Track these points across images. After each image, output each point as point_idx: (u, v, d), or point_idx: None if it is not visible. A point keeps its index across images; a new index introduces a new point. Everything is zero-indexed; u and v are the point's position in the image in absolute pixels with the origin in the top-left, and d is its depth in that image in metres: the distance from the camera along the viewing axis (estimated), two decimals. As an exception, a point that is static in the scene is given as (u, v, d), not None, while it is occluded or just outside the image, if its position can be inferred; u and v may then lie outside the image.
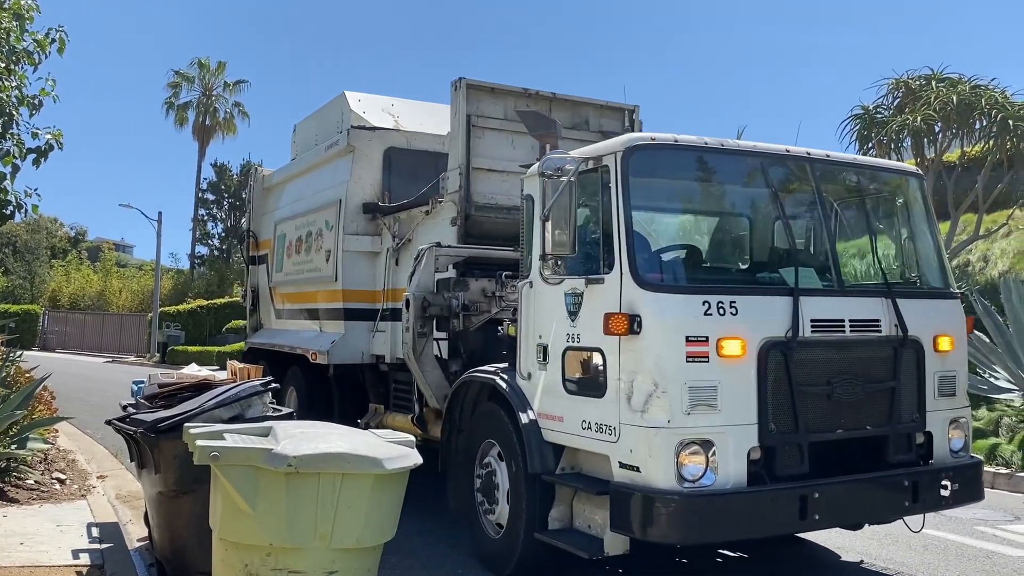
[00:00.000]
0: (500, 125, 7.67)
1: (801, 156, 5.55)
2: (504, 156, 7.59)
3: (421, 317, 6.74)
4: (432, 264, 6.87)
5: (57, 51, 8.39)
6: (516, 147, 7.63)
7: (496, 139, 7.68)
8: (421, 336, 6.75)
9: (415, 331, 6.72)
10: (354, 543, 4.11)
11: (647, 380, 4.70)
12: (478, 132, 7.55)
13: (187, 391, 6.15)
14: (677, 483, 4.61)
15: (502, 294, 6.65)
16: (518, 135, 7.48)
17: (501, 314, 6.57)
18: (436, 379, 6.82)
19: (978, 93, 14.79)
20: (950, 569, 6.19)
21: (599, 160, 5.19)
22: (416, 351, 6.76)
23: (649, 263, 5.15)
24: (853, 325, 5.15)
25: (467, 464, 6.18)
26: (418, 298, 6.75)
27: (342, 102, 9.48)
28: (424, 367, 6.79)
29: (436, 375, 6.84)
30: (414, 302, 6.74)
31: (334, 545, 4.04)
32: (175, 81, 49.57)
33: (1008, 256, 16.30)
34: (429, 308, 6.74)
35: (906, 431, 5.32)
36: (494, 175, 7.59)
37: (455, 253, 7.01)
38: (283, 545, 4.00)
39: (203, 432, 4.31)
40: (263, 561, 4.04)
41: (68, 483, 8.05)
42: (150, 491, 5.69)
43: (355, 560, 4.16)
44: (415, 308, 6.72)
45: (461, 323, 6.73)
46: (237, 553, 4.12)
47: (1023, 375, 10.42)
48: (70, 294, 52.26)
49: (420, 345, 6.76)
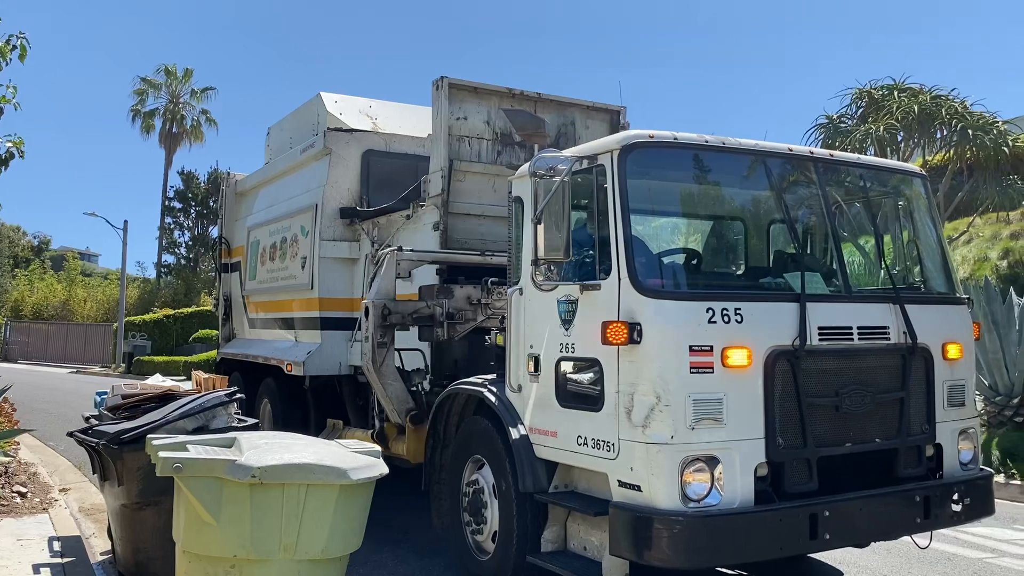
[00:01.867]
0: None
1: (804, 155, 5.32)
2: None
3: (381, 326, 6.37)
4: (393, 270, 6.52)
5: (18, 58, 8.07)
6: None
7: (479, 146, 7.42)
8: (381, 346, 6.40)
9: (375, 341, 6.36)
10: (320, 554, 4.10)
11: (648, 393, 4.41)
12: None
13: (151, 402, 6.13)
14: (681, 503, 4.32)
15: (488, 301, 6.34)
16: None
17: (488, 322, 6.27)
18: (397, 392, 6.49)
19: (939, 103, 15.16)
20: (912, 571, 6.10)
21: (594, 159, 4.91)
22: (376, 362, 6.40)
23: (649, 268, 4.87)
24: (861, 333, 4.91)
25: (452, 481, 5.86)
26: (378, 306, 6.38)
27: (318, 103, 9.17)
28: (385, 379, 6.44)
29: (397, 387, 6.51)
30: (374, 310, 6.37)
31: (299, 556, 4.04)
32: (141, 88, 48.85)
33: (969, 263, 16.52)
34: (390, 316, 6.38)
35: (916, 443, 5.09)
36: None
37: (418, 258, 6.67)
38: (247, 557, 3.99)
39: (166, 444, 4.33)
40: (227, 573, 4.01)
41: (29, 496, 7.85)
42: (113, 504, 5.69)
43: (321, 571, 4.16)
44: (375, 316, 6.35)
45: (445, 332, 6.41)
46: (201, 565, 4.10)
47: (984, 380, 10.37)
48: (33, 304, 51.20)
49: (380, 356, 6.40)
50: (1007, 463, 9.56)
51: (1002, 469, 9.45)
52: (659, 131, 4.89)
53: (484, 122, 7.45)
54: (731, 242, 6.01)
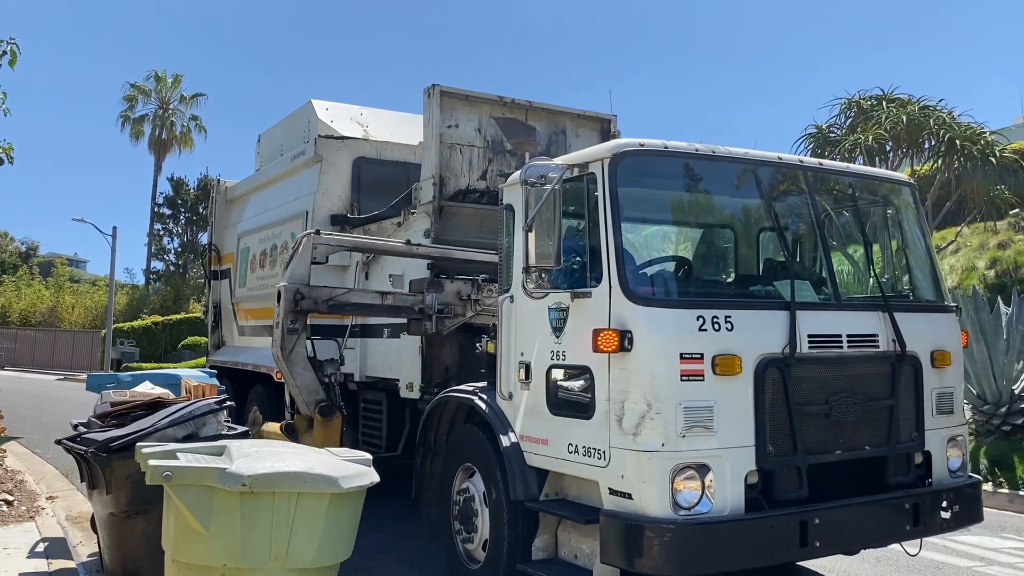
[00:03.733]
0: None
1: (794, 164, 5.34)
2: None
3: (293, 311, 6.21)
4: (309, 254, 6.36)
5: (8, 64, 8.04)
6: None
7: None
8: (292, 332, 6.23)
9: (285, 327, 6.18)
10: (310, 563, 4.07)
11: (639, 400, 4.41)
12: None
13: (140, 410, 6.07)
14: (672, 511, 4.32)
15: (478, 297, 6.31)
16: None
17: (477, 319, 6.23)
18: (307, 381, 6.32)
19: (927, 114, 15.29)
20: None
21: (585, 167, 4.92)
22: (285, 349, 6.23)
23: (639, 276, 4.88)
24: (851, 340, 4.93)
25: (443, 490, 5.85)
26: (290, 290, 6.21)
27: (309, 111, 9.17)
28: (294, 367, 6.25)
29: (307, 377, 6.33)
30: (285, 294, 6.19)
31: (289, 565, 4.01)
32: (131, 94, 48.70)
33: (957, 272, 16.63)
34: (302, 302, 6.21)
35: (905, 451, 5.10)
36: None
37: (336, 242, 6.51)
38: (237, 566, 3.96)
39: (156, 451, 4.32)
40: (217, 582, 4.02)
41: (16, 504, 7.78)
42: (101, 512, 5.64)
43: (311, 580, 4.06)
44: (286, 301, 6.17)
45: (434, 325, 6.38)
46: (190, 574, 4.07)
47: (972, 389, 10.42)
48: (21, 310, 50.89)
49: (290, 343, 6.23)
50: (995, 472, 9.60)
51: (990, 478, 9.49)
52: (649, 140, 4.90)
53: (475, 130, 7.47)
54: (721, 250, 6.03)
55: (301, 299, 6.20)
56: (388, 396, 7.49)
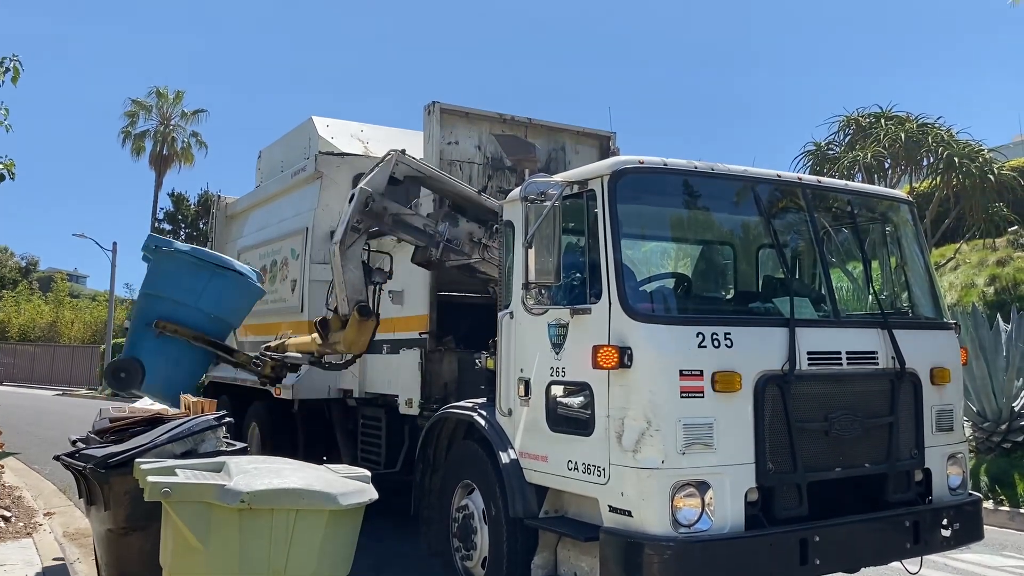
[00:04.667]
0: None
1: (792, 181, 5.37)
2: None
3: (361, 211, 6.30)
4: (391, 168, 6.45)
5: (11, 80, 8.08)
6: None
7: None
8: (354, 230, 6.31)
9: (350, 224, 6.27)
10: None
11: (639, 417, 4.41)
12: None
13: (139, 426, 6.04)
14: (672, 528, 4.31)
15: (488, 243, 6.32)
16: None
17: (481, 264, 6.26)
18: (354, 280, 6.37)
19: (925, 131, 15.30)
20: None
21: (584, 184, 4.94)
22: (344, 244, 6.29)
23: (639, 292, 4.89)
24: (850, 357, 4.93)
25: (442, 506, 5.84)
26: (365, 192, 6.31)
27: (310, 127, 9.20)
28: (347, 263, 6.32)
29: (356, 276, 6.39)
30: (359, 194, 6.30)
31: None
32: (132, 110, 48.79)
33: (956, 289, 16.65)
34: (372, 204, 6.31)
35: (905, 468, 5.10)
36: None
37: (415, 166, 6.58)
38: None
39: (154, 468, 4.30)
40: (214, 598, 3.98)
41: (13, 521, 7.74)
42: (99, 528, 5.61)
43: (308, 596, 4.08)
44: (358, 201, 6.28)
45: (439, 254, 6.37)
46: None
47: (972, 406, 10.41)
48: (20, 325, 50.85)
49: (350, 239, 6.30)
50: (996, 489, 9.57)
51: (991, 495, 9.46)
52: (649, 157, 4.93)
53: (475, 147, 7.50)
54: (721, 267, 6.04)
55: (372, 203, 6.30)
56: (387, 412, 7.47)
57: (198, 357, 6.60)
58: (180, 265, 6.43)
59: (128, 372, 6.28)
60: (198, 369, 6.83)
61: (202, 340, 6.45)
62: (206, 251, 6.66)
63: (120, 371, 6.31)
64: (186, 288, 6.41)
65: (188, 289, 6.42)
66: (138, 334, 6.60)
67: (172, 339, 6.40)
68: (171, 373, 6.56)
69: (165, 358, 6.46)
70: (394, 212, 6.37)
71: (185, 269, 6.42)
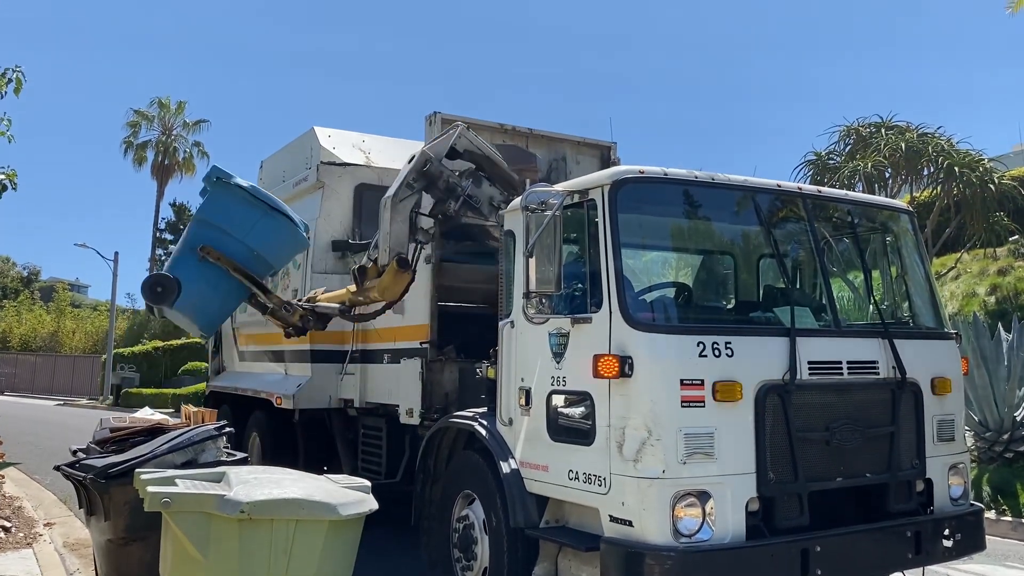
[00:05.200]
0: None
1: (792, 191, 5.38)
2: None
3: (419, 171, 6.43)
4: (452, 139, 6.57)
5: (13, 91, 8.12)
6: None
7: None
8: (408, 187, 6.44)
9: (406, 180, 6.42)
10: None
11: (640, 426, 4.41)
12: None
13: (140, 435, 6.09)
14: (673, 538, 4.30)
15: (504, 212, 6.33)
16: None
17: (496, 229, 6.30)
18: (399, 232, 6.43)
19: (925, 141, 15.36)
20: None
21: (585, 194, 4.96)
22: (397, 197, 6.42)
23: (640, 301, 4.90)
24: (851, 367, 4.93)
25: (443, 516, 5.82)
26: (426, 153, 6.46)
27: (311, 137, 9.22)
28: (395, 215, 6.42)
29: (402, 229, 6.45)
30: (420, 156, 6.46)
31: None
32: (134, 120, 48.97)
33: (957, 299, 16.65)
34: (429, 167, 6.44)
35: (906, 478, 5.09)
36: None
37: (474, 145, 6.70)
38: None
39: (154, 478, 4.31)
40: (214, 609, 3.98)
41: (14, 531, 7.73)
42: (99, 539, 5.60)
43: (309, 607, 4.09)
44: (418, 161, 6.43)
45: (457, 206, 6.45)
46: None
47: (973, 416, 10.39)
48: (21, 335, 50.91)
49: (403, 194, 6.42)
50: (998, 499, 9.55)
51: (993, 505, 9.43)
52: (649, 167, 4.94)
53: (476, 156, 7.49)
54: (721, 276, 6.05)
55: (429, 165, 6.43)
56: (388, 422, 7.47)
57: (233, 288, 6.73)
58: (236, 199, 6.59)
59: (165, 287, 6.41)
60: (231, 301, 6.95)
61: (242, 273, 6.59)
62: (263, 191, 6.79)
63: (157, 285, 6.43)
64: (237, 221, 6.56)
65: (239, 223, 6.56)
66: (182, 256, 6.75)
67: (213, 266, 6.53)
68: (205, 298, 6.68)
69: (204, 282, 6.59)
70: (448, 178, 6.53)
71: (240, 203, 6.58)
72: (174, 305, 6.50)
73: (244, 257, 6.60)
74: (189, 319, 6.88)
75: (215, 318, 7.18)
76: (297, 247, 7.16)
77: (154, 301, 6.54)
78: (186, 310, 6.67)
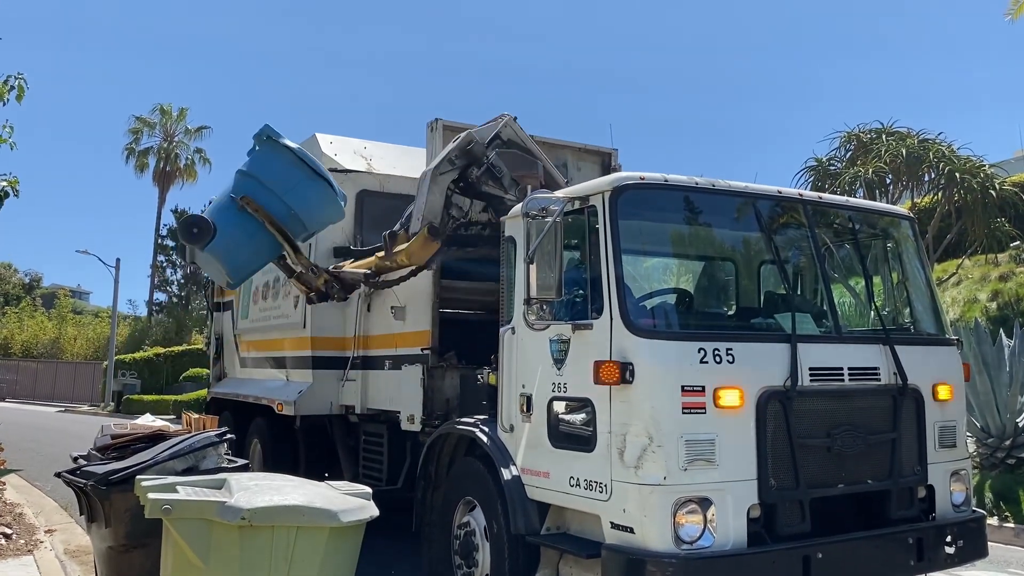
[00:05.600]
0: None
1: (793, 197, 5.38)
2: None
3: (461, 148, 6.55)
4: (499, 127, 6.73)
5: (16, 98, 8.13)
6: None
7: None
8: (450, 163, 6.58)
9: (449, 156, 6.57)
10: None
11: (641, 433, 4.40)
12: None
13: (141, 442, 6.07)
14: (674, 545, 4.29)
15: (522, 185, 6.52)
16: None
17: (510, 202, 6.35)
18: (434, 203, 6.54)
19: (926, 147, 15.30)
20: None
21: (586, 200, 4.96)
22: (439, 171, 6.54)
23: (640, 308, 4.90)
24: (852, 373, 4.93)
25: (443, 523, 5.81)
26: (471, 135, 6.61)
27: (313, 144, 9.21)
28: (433, 187, 6.56)
29: (437, 200, 6.55)
30: (465, 136, 6.62)
31: None
32: (136, 127, 49.08)
33: (959, 304, 16.64)
34: (472, 147, 6.57)
35: (908, 485, 5.09)
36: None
37: (516, 137, 6.86)
38: None
39: (155, 485, 4.29)
40: (215, 617, 3.96)
41: (14, 538, 7.75)
42: (100, 546, 5.60)
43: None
44: (463, 140, 6.58)
45: (480, 173, 6.58)
46: None
47: (975, 422, 10.37)
48: (23, 341, 50.92)
49: (444, 168, 6.56)
50: (1000, 506, 9.52)
51: (995, 512, 9.41)
52: (650, 173, 4.95)
53: (478, 163, 7.49)
54: (722, 282, 6.05)
55: (474, 144, 6.57)
56: (389, 429, 7.46)
57: (266, 243, 6.94)
58: (282, 158, 6.82)
59: (201, 229, 6.62)
60: (262, 254, 7.11)
61: (276, 228, 6.75)
62: (309, 156, 6.96)
63: (194, 226, 6.62)
64: (280, 179, 6.76)
65: (281, 181, 6.76)
66: (223, 204, 6.96)
67: (251, 217, 6.74)
68: (238, 245, 6.87)
69: (240, 230, 6.78)
70: (491, 159, 6.66)
71: (285, 163, 6.81)
72: (206, 248, 6.68)
73: (282, 214, 6.79)
74: (219, 264, 7.02)
75: (244, 268, 7.30)
76: (333, 215, 7.31)
77: (189, 240, 6.74)
78: (217, 254, 6.84)
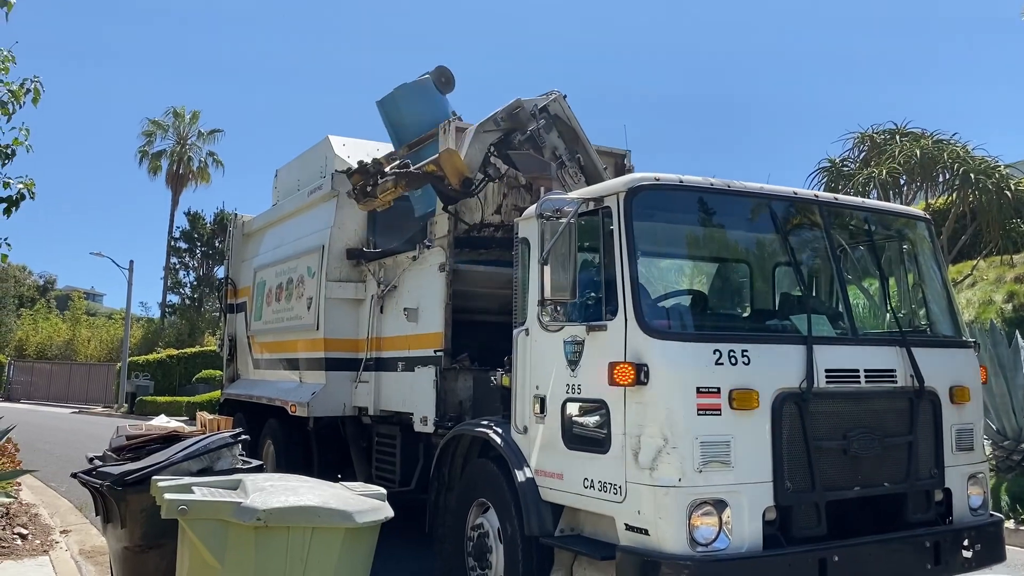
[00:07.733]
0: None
1: (809, 198, 5.36)
2: None
3: (509, 112, 6.82)
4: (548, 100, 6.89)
5: (32, 101, 8.19)
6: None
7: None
8: (495, 123, 6.82)
9: (495, 117, 6.81)
10: None
11: (656, 435, 4.39)
12: None
13: (155, 443, 6.07)
14: (689, 547, 4.28)
15: (567, 164, 6.75)
16: None
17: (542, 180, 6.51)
18: (474, 156, 6.76)
19: (940, 147, 15.21)
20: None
21: (600, 201, 4.95)
22: (482, 128, 6.79)
23: (655, 309, 4.88)
24: (868, 375, 4.89)
25: (457, 525, 5.81)
26: (519, 101, 6.82)
27: (326, 146, 9.26)
28: (476, 142, 6.81)
29: (477, 156, 6.77)
30: (514, 101, 6.86)
31: None
32: (149, 130, 49.31)
33: (974, 306, 16.52)
34: (519, 112, 6.78)
35: (925, 488, 5.04)
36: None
37: (567, 115, 6.97)
38: None
39: (171, 485, 4.31)
40: (230, 617, 3.98)
41: (30, 538, 7.76)
42: (115, 546, 5.61)
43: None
44: (511, 104, 6.83)
45: (520, 139, 6.74)
46: None
47: (991, 425, 10.28)
48: (37, 343, 51.24)
49: (488, 127, 6.80)
50: (1016, 509, 9.44)
51: (1012, 515, 9.32)
52: (664, 174, 4.93)
53: (490, 164, 7.49)
54: (737, 284, 6.03)
55: (519, 111, 6.81)
56: (402, 430, 7.47)
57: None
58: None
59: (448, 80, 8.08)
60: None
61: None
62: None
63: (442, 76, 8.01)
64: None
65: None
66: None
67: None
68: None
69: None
70: (533, 127, 6.82)
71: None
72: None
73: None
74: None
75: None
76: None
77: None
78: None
